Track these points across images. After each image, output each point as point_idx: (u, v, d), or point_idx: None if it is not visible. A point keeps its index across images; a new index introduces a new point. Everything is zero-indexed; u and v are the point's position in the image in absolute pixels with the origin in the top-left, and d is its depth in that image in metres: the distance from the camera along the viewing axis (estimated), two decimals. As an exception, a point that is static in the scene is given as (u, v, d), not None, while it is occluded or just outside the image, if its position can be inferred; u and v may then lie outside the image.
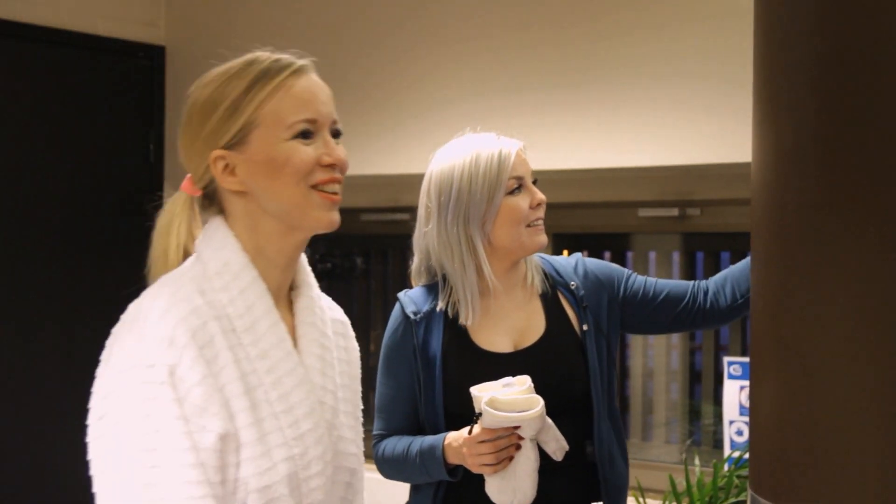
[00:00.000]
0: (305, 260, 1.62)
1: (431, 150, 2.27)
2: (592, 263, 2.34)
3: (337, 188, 1.51)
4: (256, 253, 1.51)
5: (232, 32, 4.11)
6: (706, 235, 3.46)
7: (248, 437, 1.43)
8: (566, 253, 3.67)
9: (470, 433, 2.07)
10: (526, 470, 2.08)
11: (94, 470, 1.41)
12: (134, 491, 1.36)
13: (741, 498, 2.70)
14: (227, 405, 1.41)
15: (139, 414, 1.37)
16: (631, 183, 3.34)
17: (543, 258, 2.34)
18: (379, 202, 3.80)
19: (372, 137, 3.67)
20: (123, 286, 1.63)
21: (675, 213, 3.31)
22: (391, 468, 2.24)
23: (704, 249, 3.54)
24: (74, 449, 1.69)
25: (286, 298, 1.57)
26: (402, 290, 2.32)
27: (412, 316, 2.24)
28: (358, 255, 4.17)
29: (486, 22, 3.54)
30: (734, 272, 2.32)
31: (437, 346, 2.20)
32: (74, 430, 1.96)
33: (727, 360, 3.04)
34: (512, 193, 2.19)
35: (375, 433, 2.28)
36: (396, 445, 2.22)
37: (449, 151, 2.23)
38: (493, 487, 2.10)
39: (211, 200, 1.55)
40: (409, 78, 3.69)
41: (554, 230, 3.57)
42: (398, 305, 2.27)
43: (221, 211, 1.53)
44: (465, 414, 2.12)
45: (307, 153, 1.48)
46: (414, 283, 2.33)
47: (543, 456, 2.10)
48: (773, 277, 1.43)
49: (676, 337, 3.59)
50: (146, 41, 4.23)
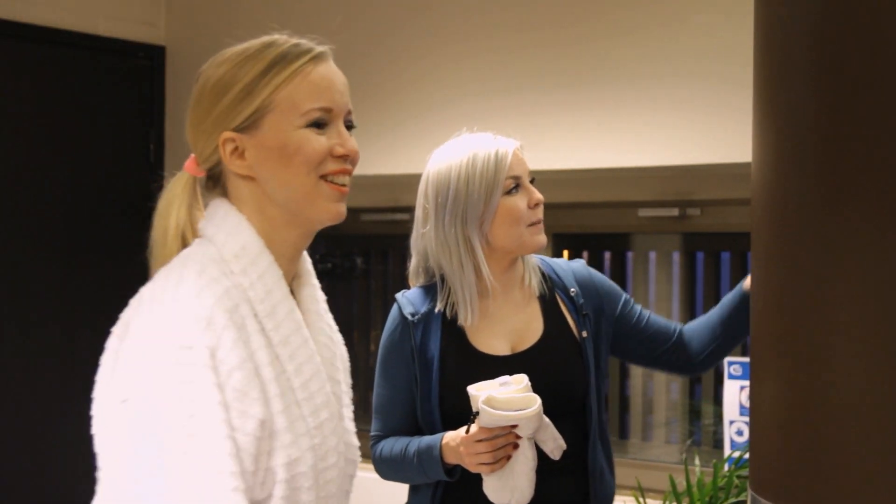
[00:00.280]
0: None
1: (431, 150, 2.26)
2: (595, 274, 2.35)
3: (346, 180, 1.49)
4: (267, 238, 1.47)
5: (232, 32, 4.09)
6: (706, 235, 3.46)
7: (281, 423, 1.39)
8: (566, 253, 3.67)
9: (467, 432, 2.07)
10: (523, 469, 2.08)
11: (110, 456, 1.34)
12: (164, 479, 1.28)
13: (741, 498, 2.70)
14: (264, 389, 1.38)
15: (175, 397, 1.30)
16: (631, 183, 3.34)
17: (542, 260, 2.34)
18: (379, 202, 3.80)
19: (372, 137, 3.67)
20: (123, 286, 1.62)
21: (675, 213, 3.31)
22: (389, 469, 2.24)
23: (704, 249, 3.53)
24: (75, 449, 1.68)
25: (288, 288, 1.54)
26: (401, 290, 2.32)
27: (410, 317, 2.23)
28: (358, 255, 4.17)
29: (486, 22, 3.54)
30: (700, 324, 2.34)
31: (434, 347, 2.20)
32: (75, 429, 1.96)
33: (727, 360, 3.03)
34: (509, 193, 2.18)
35: (373, 434, 2.28)
36: (394, 446, 2.21)
37: (445, 152, 2.22)
38: (490, 487, 2.10)
39: (215, 183, 1.51)
40: (409, 78, 3.69)
41: (554, 230, 3.57)
42: (396, 307, 2.27)
43: (225, 194, 1.49)
44: (462, 415, 2.12)
45: (320, 142, 1.45)
46: (412, 284, 2.33)
47: (541, 457, 2.10)
48: (773, 277, 1.43)
49: (676, 337, 3.59)
50: (146, 41, 4.23)
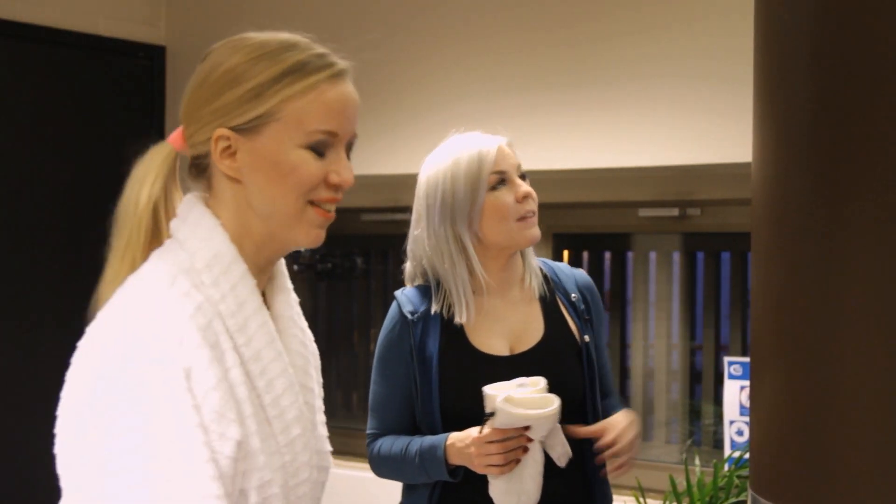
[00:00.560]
0: None
1: (431, 150, 2.28)
2: (597, 294, 2.35)
3: (333, 206, 1.42)
4: (240, 245, 1.39)
5: (232, 32, 4.10)
6: (706, 235, 3.46)
7: (255, 444, 1.33)
8: (566, 254, 3.68)
9: (480, 433, 2.07)
10: (532, 473, 2.08)
11: (81, 480, 1.25)
12: None
13: (741, 498, 2.70)
14: (239, 410, 1.32)
15: (153, 422, 1.23)
16: (631, 183, 3.34)
17: (545, 263, 2.34)
18: (379, 202, 3.80)
19: (372, 137, 3.67)
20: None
21: (675, 213, 3.31)
22: (387, 467, 2.24)
23: (704, 249, 3.53)
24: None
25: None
26: (401, 288, 2.32)
27: (409, 315, 2.23)
28: (358, 255, 4.16)
29: (486, 23, 3.54)
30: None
31: (433, 346, 2.20)
32: (75, 430, 1.96)
33: (727, 360, 3.04)
34: (495, 189, 2.19)
35: (369, 432, 2.27)
36: (393, 445, 2.21)
37: (435, 155, 2.25)
38: (497, 490, 2.10)
39: (199, 173, 1.43)
40: (409, 78, 3.69)
41: (554, 230, 3.58)
42: (395, 304, 2.27)
43: (208, 188, 1.42)
44: (462, 415, 2.12)
45: (317, 167, 1.37)
46: (408, 286, 2.33)
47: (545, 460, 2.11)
48: (773, 277, 1.43)
49: (677, 337, 3.59)
50: (146, 41, 4.23)
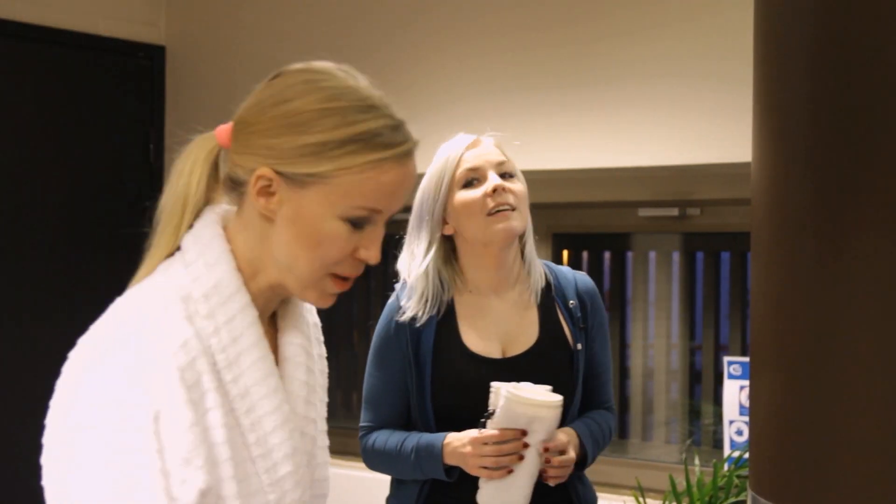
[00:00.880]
0: None
1: (431, 150, 2.27)
2: (599, 301, 2.34)
3: (352, 280, 1.36)
4: (250, 274, 1.36)
5: (232, 32, 4.11)
6: (706, 235, 3.46)
7: (230, 490, 1.29)
8: (566, 254, 3.68)
9: (479, 433, 2.07)
10: (522, 484, 2.07)
11: (50, 495, 1.26)
12: None
13: (741, 498, 2.70)
14: (211, 454, 1.27)
15: (114, 462, 1.21)
16: (631, 183, 3.34)
17: (548, 266, 2.34)
18: (379, 202, 3.80)
19: (372, 137, 3.66)
20: (123, 286, 1.62)
21: (675, 213, 3.31)
22: (380, 461, 2.24)
23: (704, 249, 3.53)
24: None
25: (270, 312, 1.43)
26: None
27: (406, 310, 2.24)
28: (358, 254, 4.15)
29: (486, 24, 3.53)
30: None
31: (428, 342, 2.20)
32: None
33: (727, 359, 3.04)
34: (466, 187, 2.20)
35: (363, 425, 2.27)
36: (388, 439, 2.21)
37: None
38: (485, 494, 2.09)
39: (234, 187, 1.37)
40: (409, 79, 3.68)
41: (554, 230, 3.57)
42: (394, 297, 2.27)
43: (238, 205, 1.36)
44: (454, 414, 2.12)
45: (349, 243, 1.32)
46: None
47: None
48: (773, 277, 1.43)
49: (676, 337, 3.59)
50: (146, 41, 4.23)
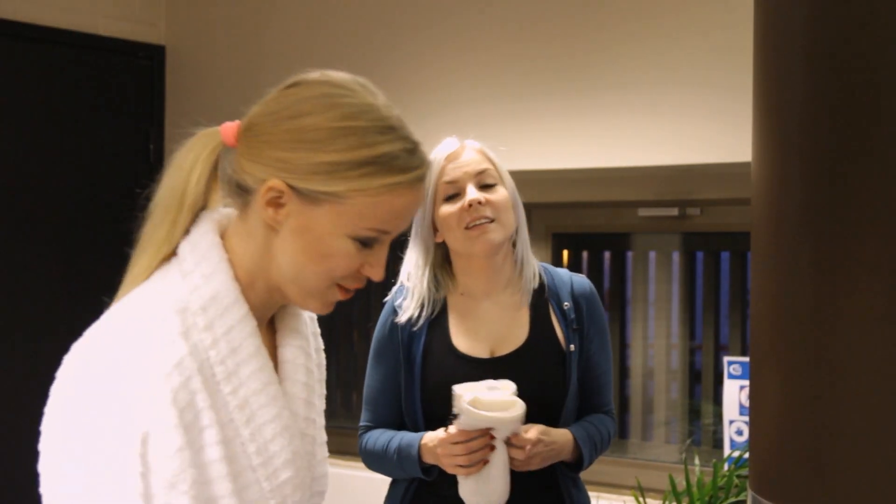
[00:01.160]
0: None
1: (432, 152, 2.27)
2: (597, 304, 2.33)
3: (355, 290, 1.38)
4: (249, 283, 1.34)
5: (232, 32, 4.11)
6: (706, 235, 3.46)
7: None
8: (566, 254, 3.67)
9: (446, 433, 2.09)
10: (498, 472, 2.08)
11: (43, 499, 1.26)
12: None
13: (741, 498, 2.70)
14: (203, 475, 1.26)
15: (97, 484, 1.20)
16: (631, 183, 3.34)
17: (546, 268, 2.34)
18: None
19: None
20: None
21: (675, 212, 3.31)
22: (372, 461, 2.27)
23: (704, 249, 3.53)
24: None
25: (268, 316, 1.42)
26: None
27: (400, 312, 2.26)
28: (358, 254, 4.16)
29: (487, 29, 3.53)
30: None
31: (419, 344, 2.22)
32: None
33: (727, 359, 3.04)
34: (448, 201, 2.20)
35: (362, 424, 2.29)
36: (378, 439, 2.23)
37: None
38: (466, 490, 2.10)
39: (238, 193, 1.34)
40: (410, 83, 3.68)
41: (554, 230, 3.58)
42: (392, 298, 2.30)
43: (241, 211, 1.34)
44: (444, 414, 2.14)
45: (355, 261, 1.33)
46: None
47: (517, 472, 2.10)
48: (772, 277, 1.43)
49: (676, 337, 3.59)
50: (146, 41, 4.23)
